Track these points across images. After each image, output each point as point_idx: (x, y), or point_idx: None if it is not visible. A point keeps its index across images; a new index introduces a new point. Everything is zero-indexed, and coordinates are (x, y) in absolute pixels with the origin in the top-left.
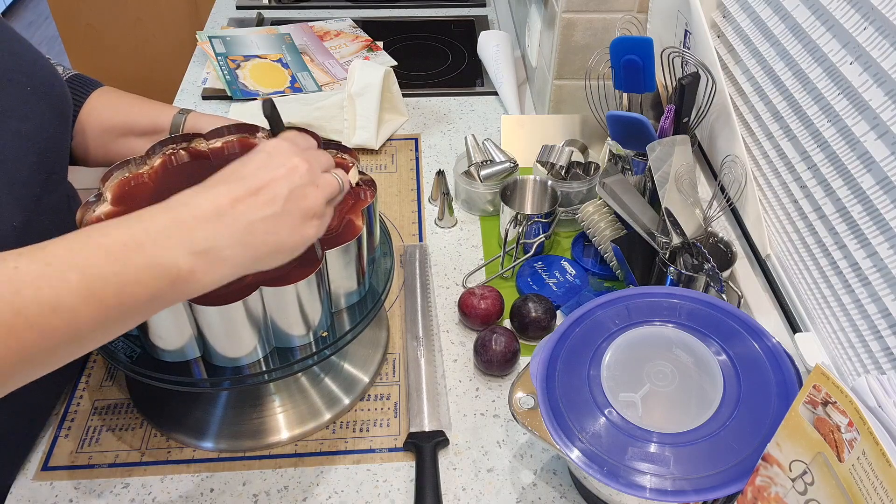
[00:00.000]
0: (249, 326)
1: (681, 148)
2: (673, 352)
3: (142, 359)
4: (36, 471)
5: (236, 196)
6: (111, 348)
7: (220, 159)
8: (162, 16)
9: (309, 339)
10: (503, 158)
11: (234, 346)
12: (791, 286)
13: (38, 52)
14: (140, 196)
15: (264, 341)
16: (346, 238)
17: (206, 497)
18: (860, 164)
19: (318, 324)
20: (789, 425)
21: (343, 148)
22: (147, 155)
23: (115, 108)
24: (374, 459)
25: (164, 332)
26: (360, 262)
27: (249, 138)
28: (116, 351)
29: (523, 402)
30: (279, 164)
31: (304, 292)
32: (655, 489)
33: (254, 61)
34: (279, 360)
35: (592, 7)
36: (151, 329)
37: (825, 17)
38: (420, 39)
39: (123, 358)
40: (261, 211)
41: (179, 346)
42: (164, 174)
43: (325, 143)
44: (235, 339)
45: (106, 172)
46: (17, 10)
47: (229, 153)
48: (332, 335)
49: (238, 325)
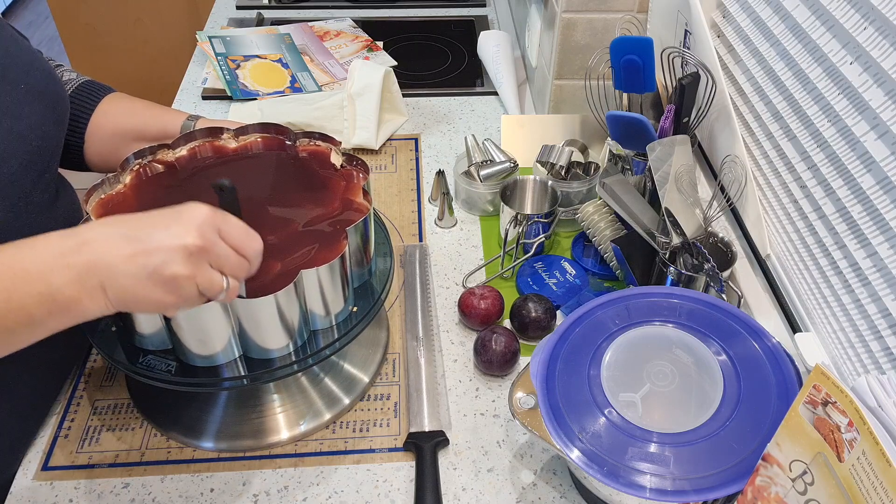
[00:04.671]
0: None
1: (681, 148)
2: (673, 352)
3: (140, 356)
4: (36, 471)
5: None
6: (110, 350)
7: (188, 166)
8: (162, 16)
9: (288, 350)
10: (503, 158)
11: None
12: (791, 286)
13: (35, 53)
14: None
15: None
16: (328, 258)
17: (206, 497)
18: (860, 164)
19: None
20: (789, 425)
21: (354, 160)
22: (119, 171)
23: (126, 113)
24: (374, 459)
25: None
26: (344, 279)
27: (215, 141)
28: (154, 368)
29: (523, 402)
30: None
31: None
32: (655, 489)
33: (254, 61)
34: (279, 361)
35: (592, 7)
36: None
37: (825, 17)
38: (420, 39)
39: (161, 370)
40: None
41: (218, 350)
42: (140, 187)
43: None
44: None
45: (86, 194)
46: (17, 10)
47: (200, 157)
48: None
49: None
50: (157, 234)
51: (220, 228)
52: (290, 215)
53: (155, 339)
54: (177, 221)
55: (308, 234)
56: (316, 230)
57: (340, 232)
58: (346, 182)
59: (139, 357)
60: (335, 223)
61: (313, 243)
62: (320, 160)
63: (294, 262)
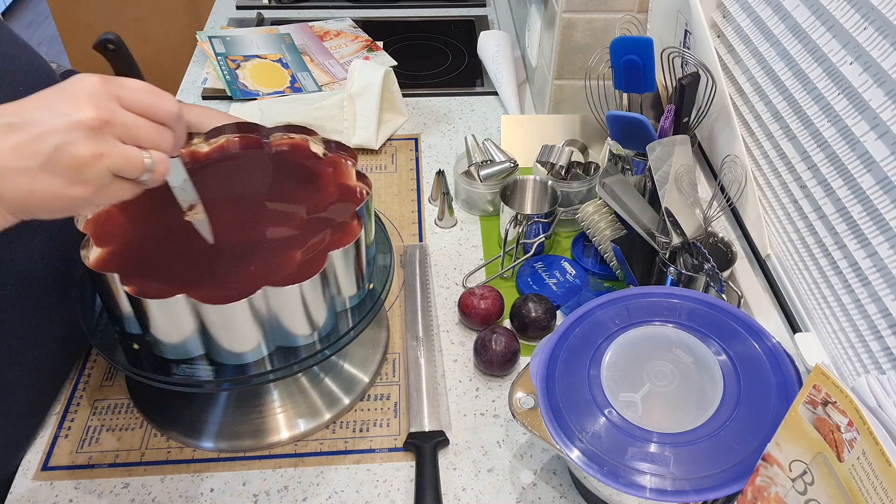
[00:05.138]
0: (253, 325)
1: (681, 148)
2: (673, 352)
3: (142, 358)
4: (36, 471)
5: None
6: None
7: None
8: (162, 16)
9: (313, 338)
10: (503, 158)
11: (238, 344)
12: (791, 286)
13: (34, 54)
14: (114, 229)
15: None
16: (343, 242)
17: (206, 497)
18: (860, 164)
19: (324, 325)
20: (789, 425)
21: (344, 147)
22: None
23: None
24: (374, 459)
25: (164, 328)
26: (358, 265)
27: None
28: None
29: (523, 402)
30: (62, 112)
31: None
32: (655, 489)
33: (254, 61)
34: (279, 361)
35: (592, 7)
36: (152, 324)
37: (825, 17)
38: (420, 39)
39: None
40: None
41: (180, 340)
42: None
43: (325, 142)
44: (238, 337)
45: None
46: (17, 10)
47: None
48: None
49: (241, 324)
50: (43, 115)
51: (119, 95)
52: (290, 208)
53: (180, 349)
54: (62, 97)
55: (316, 222)
56: (322, 217)
57: (349, 213)
58: (334, 168)
59: (171, 367)
60: (338, 207)
61: (325, 229)
62: (300, 152)
63: (312, 250)
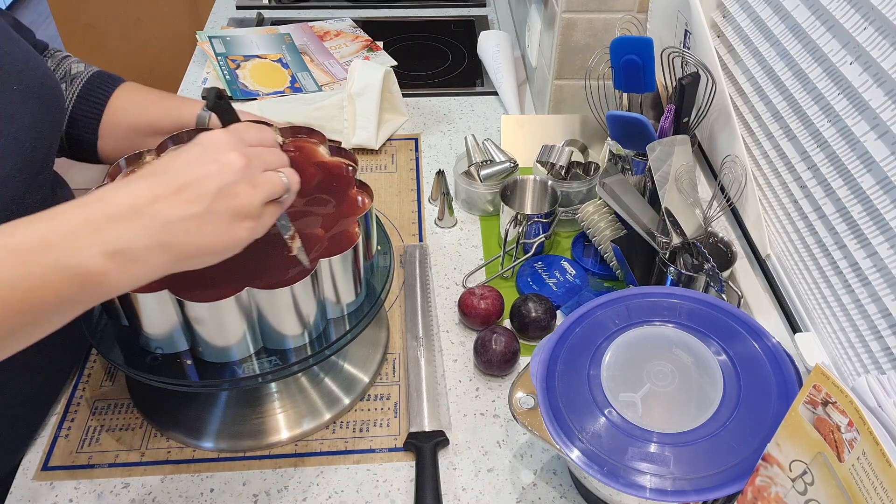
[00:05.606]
0: (240, 323)
1: (681, 148)
2: (673, 352)
3: (140, 356)
4: (36, 471)
5: (157, 193)
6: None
7: None
8: (162, 16)
9: (304, 339)
10: (503, 158)
11: (225, 341)
12: (791, 286)
13: (31, 52)
14: None
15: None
16: (342, 247)
17: (206, 497)
18: (860, 164)
19: (314, 325)
20: (789, 425)
21: (343, 151)
22: (158, 150)
23: (139, 107)
24: (374, 459)
25: (150, 321)
26: (357, 270)
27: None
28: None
29: (523, 402)
30: (211, 160)
31: (299, 294)
32: (655, 489)
33: (254, 61)
34: (279, 361)
35: (592, 7)
36: (139, 317)
37: (825, 17)
38: (420, 39)
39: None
40: (182, 210)
41: (165, 332)
42: None
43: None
44: (225, 335)
45: (113, 167)
46: (17, 10)
47: None
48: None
49: (228, 322)
50: (196, 167)
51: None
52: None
53: (165, 341)
54: (204, 150)
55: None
56: (321, 217)
57: (349, 221)
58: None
59: (146, 358)
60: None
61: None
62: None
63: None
